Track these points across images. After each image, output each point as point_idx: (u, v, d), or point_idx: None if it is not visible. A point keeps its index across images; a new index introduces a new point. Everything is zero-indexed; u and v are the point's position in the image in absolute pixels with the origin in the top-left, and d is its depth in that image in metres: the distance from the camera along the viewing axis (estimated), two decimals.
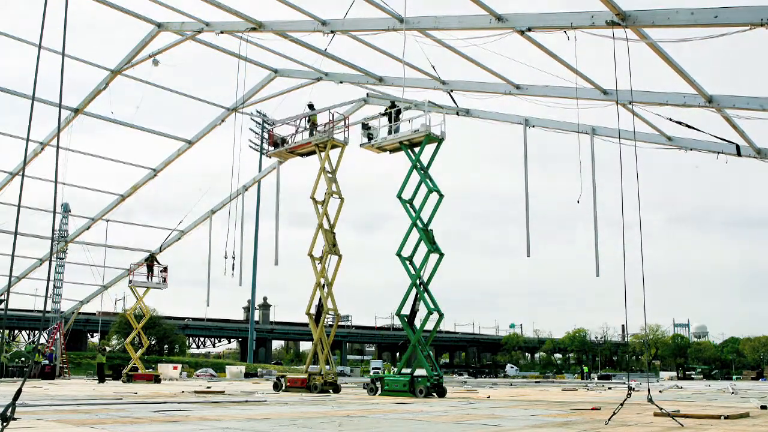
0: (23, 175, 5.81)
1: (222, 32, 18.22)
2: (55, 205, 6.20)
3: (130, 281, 33.63)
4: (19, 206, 5.44)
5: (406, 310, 20.60)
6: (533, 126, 20.42)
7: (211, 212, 32.30)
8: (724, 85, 14.56)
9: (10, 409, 5.39)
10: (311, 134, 23.00)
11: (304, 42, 17.95)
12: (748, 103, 13.93)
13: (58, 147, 5.79)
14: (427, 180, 20.62)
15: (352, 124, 25.11)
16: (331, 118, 22.91)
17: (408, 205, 20.75)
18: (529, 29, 12.65)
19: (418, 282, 20.14)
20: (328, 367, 22.49)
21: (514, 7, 12.77)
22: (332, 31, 15.65)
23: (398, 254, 20.42)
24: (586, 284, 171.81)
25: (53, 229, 6.29)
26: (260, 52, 20.00)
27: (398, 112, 21.27)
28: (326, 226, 22.47)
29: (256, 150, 65.74)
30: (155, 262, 33.62)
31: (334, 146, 22.82)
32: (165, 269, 33.78)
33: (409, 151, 20.80)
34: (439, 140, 20.61)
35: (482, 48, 13.90)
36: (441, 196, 20.59)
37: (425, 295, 20.21)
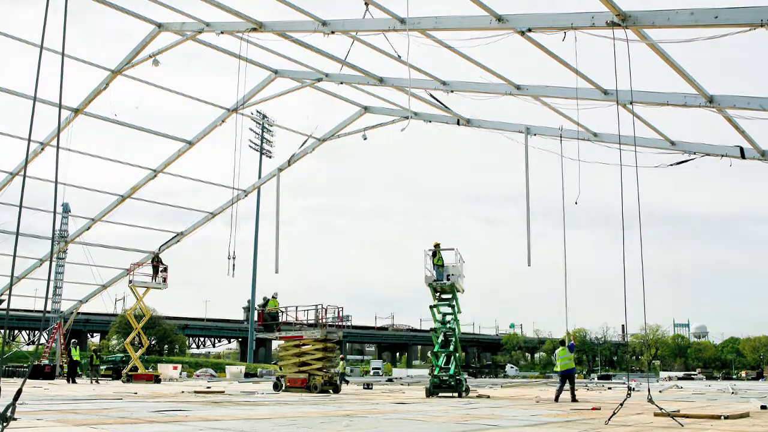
0: (25, 176, 5.81)
1: (222, 32, 18.19)
2: (55, 205, 6.19)
3: (130, 281, 33.64)
4: (20, 207, 5.44)
5: None
6: (534, 134, 20.53)
7: (211, 215, 32.30)
8: (725, 85, 14.52)
9: (10, 409, 5.39)
10: (276, 328, 24.32)
11: (305, 42, 17.92)
12: (748, 103, 13.91)
13: (58, 147, 5.79)
14: None
15: (351, 133, 25.31)
16: (323, 311, 23.61)
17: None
18: (529, 30, 12.64)
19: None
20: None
21: (514, 7, 12.77)
22: (332, 32, 15.63)
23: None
24: (586, 284, 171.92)
25: (53, 229, 6.28)
26: (260, 52, 19.97)
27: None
28: None
29: (256, 150, 65.87)
30: (160, 263, 33.69)
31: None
32: (165, 269, 33.81)
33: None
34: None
35: (482, 48, 13.90)
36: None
37: None
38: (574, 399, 16.55)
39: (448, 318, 21.16)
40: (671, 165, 17.25)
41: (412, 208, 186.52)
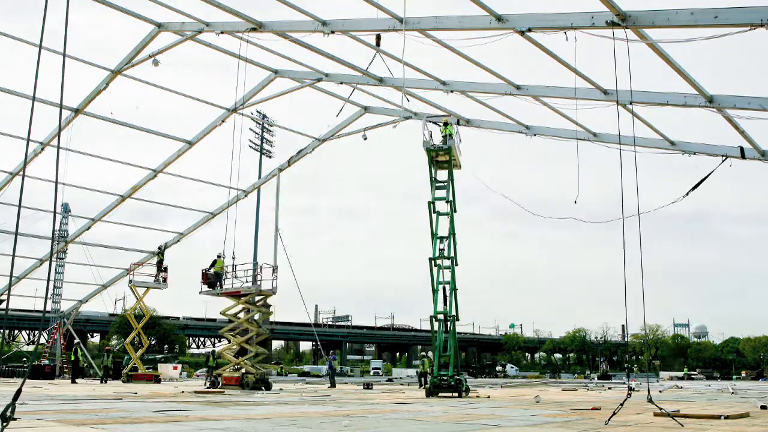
0: (23, 175, 5.81)
1: (222, 32, 18.20)
2: (55, 206, 6.20)
3: (130, 281, 33.64)
4: (19, 206, 5.45)
5: None
6: (534, 135, 20.59)
7: (211, 215, 32.31)
8: (725, 85, 14.52)
9: (10, 409, 5.40)
10: (219, 286, 26.25)
11: (304, 42, 17.92)
12: (749, 103, 13.91)
13: (58, 147, 5.80)
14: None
15: (351, 134, 25.71)
16: (259, 269, 26.13)
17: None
18: (529, 29, 12.65)
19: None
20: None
21: (514, 7, 12.77)
22: (332, 31, 15.64)
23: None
24: (586, 284, 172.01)
25: (53, 229, 6.29)
26: (260, 52, 19.98)
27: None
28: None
29: (256, 150, 65.93)
30: (162, 260, 33.76)
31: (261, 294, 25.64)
32: (165, 269, 33.82)
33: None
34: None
35: (482, 48, 13.90)
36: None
37: None
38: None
39: (445, 226, 20.43)
40: (685, 195, 17.17)
41: (411, 208, 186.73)
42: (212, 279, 26.40)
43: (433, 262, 20.05)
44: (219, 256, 26.48)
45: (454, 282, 19.99)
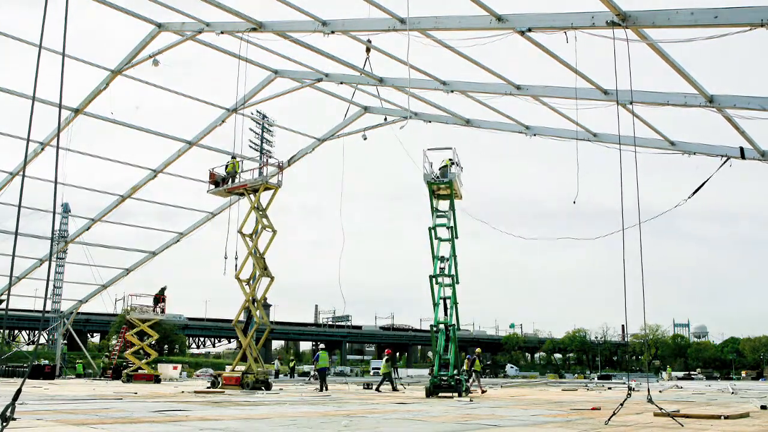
0: (23, 176, 5.80)
1: (222, 32, 18.18)
2: (54, 206, 6.19)
3: (128, 313, 34.16)
4: (19, 207, 5.44)
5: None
6: (534, 135, 20.61)
7: (212, 215, 32.31)
8: (725, 85, 14.51)
9: (10, 409, 5.40)
10: (232, 181, 26.09)
11: (305, 42, 17.91)
12: (748, 103, 13.89)
13: (58, 147, 5.79)
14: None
15: (352, 133, 25.83)
16: (265, 162, 26.12)
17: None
18: (530, 29, 12.63)
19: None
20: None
21: (514, 7, 12.75)
22: (332, 32, 15.62)
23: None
24: (586, 284, 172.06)
25: (53, 230, 6.28)
26: (260, 52, 19.97)
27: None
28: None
29: (256, 150, 65.97)
30: (162, 297, 34.23)
31: (267, 188, 25.59)
32: (163, 300, 34.45)
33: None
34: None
35: (482, 48, 13.88)
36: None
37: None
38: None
39: (446, 247, 20.69)
40: (687, 199, 17.14)
41: (412, 207, 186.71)
42: (219, 179, 26.41)
43: (434, 279, 20.34)
44: (233, 158, 26.39)
45: (455, 298, 20.43)
